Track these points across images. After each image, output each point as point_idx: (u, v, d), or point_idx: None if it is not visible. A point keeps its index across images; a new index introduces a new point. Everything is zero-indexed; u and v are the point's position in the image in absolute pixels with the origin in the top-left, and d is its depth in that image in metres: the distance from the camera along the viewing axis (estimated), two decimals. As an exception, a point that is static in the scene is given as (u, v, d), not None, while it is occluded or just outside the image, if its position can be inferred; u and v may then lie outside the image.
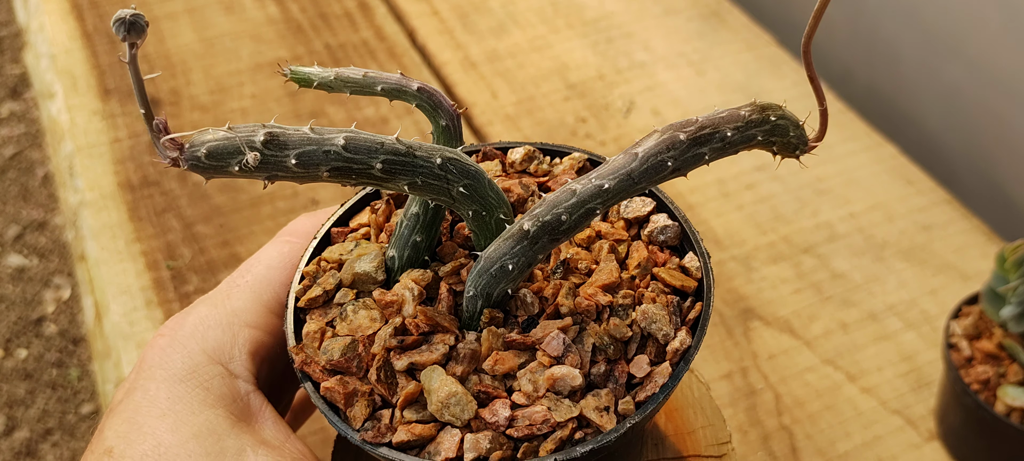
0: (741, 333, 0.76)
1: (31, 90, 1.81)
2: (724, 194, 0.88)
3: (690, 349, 0.39)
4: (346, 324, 0.40)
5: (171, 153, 0.33)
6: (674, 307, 0.40)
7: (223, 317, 0.43)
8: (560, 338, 0.38)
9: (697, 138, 0.37)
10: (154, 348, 0.42)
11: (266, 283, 0.44)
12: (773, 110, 0.38)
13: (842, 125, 0.97)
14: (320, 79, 0.40)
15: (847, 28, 1.14)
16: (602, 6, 1.13)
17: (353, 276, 0.42)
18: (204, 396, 0.40)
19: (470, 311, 0.40)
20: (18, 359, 1.41)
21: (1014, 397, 0.62)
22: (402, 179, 0.36)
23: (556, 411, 0.37)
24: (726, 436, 0.48)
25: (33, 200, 1.64)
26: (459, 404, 0.37)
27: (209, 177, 0.34)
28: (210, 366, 0.41)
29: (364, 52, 1.04)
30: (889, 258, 0.83)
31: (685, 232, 0.43)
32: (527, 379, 0.38)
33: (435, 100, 0.41)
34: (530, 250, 0.38)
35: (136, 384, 0.41)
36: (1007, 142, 0.97)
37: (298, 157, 0.34)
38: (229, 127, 0.34)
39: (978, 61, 0.98)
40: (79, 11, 1.09)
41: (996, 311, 0.63)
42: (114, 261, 0.81)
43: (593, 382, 0.38)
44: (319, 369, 0.39)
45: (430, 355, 0.38)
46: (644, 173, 0.37)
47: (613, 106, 0.98)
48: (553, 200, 0.38)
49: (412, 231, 0.42)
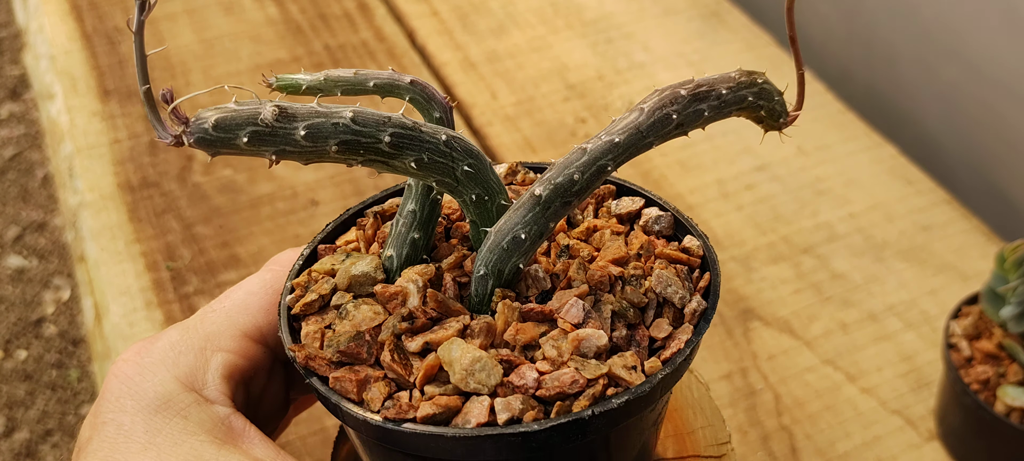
0: (741, 333, 0.76)
1: (30, 91, 1.81)
2: (724, 194, 0.88)
3: (708, 310, 0.39)
4: (347, 321, 0.39)
5: (174, 130, 0.33)
6: (685, 274, 0.40)
7: (195, 342, 0.41)
8: (579, 305, 0.38)
9: (696, 94, 0.39)
10: (118, 377, 0.39)
11: (243, 308, 0.42)
12: (758, 75, 0.40)
13: (841, 125, 0.97)
14: (309, 84, 0.40)
15: (845, 28, 1.14)
16: (601, 7, 1.13)
17: (350, 279, 0.40)
18: (183, 425, 0.38)
19: (479, 294, 0.39)
20: (18, 360, 1.41)
21: (1014, 397, 0.62)
22: (409, 155, 0.36)
23: (584, 370, 0.36)
24: (726, 436, 0.48)
25: (33, 201, 1.64)
26: (485, 370, 0.36)
27: (214, 153, 0.33)
28: (184, 393, 0.39)
29: (364, 53, 1.04)
30: (889, 258, 0.83)
31: (678, 221, 0.44)
32: (550, 345, 0.37)
33: (428, 93, 0.41)
34: (543, 216, 0.37)
35: (106, 418, 0.38)
36: (1007, 142, 0.97)
37: (307, 129, 0.34)
38: (235, 101, 0.33)
39: (977, 61, 0.98)
40: (78, 12, 1.09)
41: (996, 311, 0.63)
42: (114, 262, 0.81)
43: (616, 345, 0.38)
44: (325, 363, 0.37)
45: (445, 332, 0.37)
46: (651, 126, 0.38)
47: (613, 107, 0.98)
48: (564, 162, 0.38)
49: (409, 228, 0.41)
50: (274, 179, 0.88)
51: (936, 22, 1.02)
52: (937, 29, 1.02)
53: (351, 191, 0.88)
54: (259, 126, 0.33)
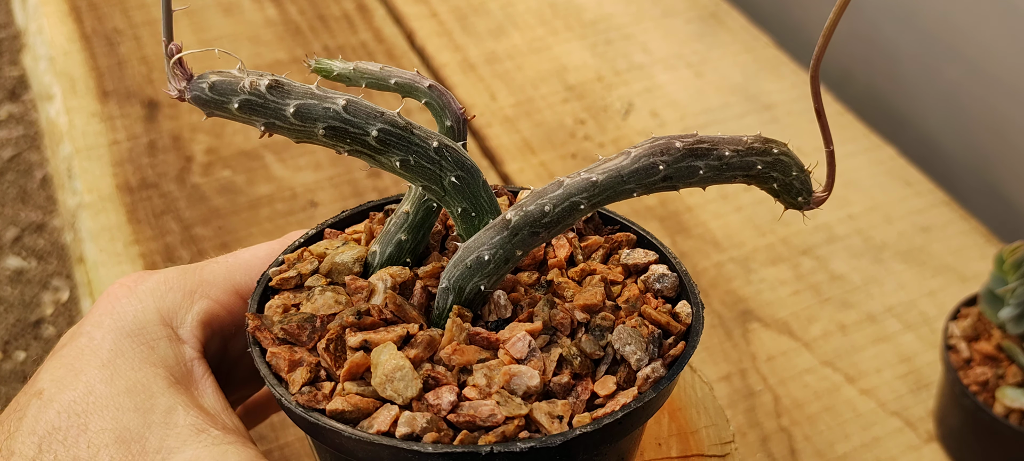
0: (740, 335, 0.76)
1: (29, 92, 1.81)
2: (723, 195, 0.88)
3: (662, 380, 0.37)
4: (310, 304, 0.40)
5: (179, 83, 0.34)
6: (654, 339, 0.38)
7: (187, 283, 0.43)
8: (526, 340, 0.37)
9: (693, 150, 0.36)
10: (109, 296, 0.42)
11: (244, 267, 0.44)
12: (777, 145, 0.37)
13: (841, 127, 0.97)
14: (339, 71, 0.41)
15: (845, 29, 1.14)
16: (600, 8, 1.13)
17: (331, 266, 0.41)
18: (147, 354, 0.39)
19: (440, 307, 0.39)
20: (17, 361, 1.41)
21: (1013, 398, 0.62)
22: (396, 154, 0.36)
23: (504, 407, 0.35)
24: (729, 436, 0.48)
25: (31, 202, 1.64)
26: (404, 380, 0.35)
27: (209, 113, 0.34)
28: (159, 326, 0.41)
29: (363, 54, 1.04)
30: (888, 259, 0.83)
31: (683, 285, 0.42)
32: (482, 374, 0.36)
33: (444, 100, 0.41)
34: (509, 242, 0.37)
35: (82, 330, 0.41)
36: (1006, 143, 0.98)
37: (298, 108, 0.34)
38: (240, 67, 0.35)
39: (977, 62, 0.98)
40: (78, 13, 1.09)
41: (995, 313, 0.64)
42: (113, 263, 0.81)
43: (552, 391, 0.36)
44: (271, 338, 0.38)
45: (386, 335, 0.37)
46: (634, 173, 0.36)
47: (612, 108, 0.98)
48: (539, 192, 0.37)
49: (399, 229, 0.41)
50: (273, 180, 0.88)
51: (936, 23, 1.02)
52: (937, 30, 1.02)
53: (350, 193, 0.88)
54: (252, 95, 0.34)
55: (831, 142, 0.37)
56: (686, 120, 0.97)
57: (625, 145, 0.93)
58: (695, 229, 0.85)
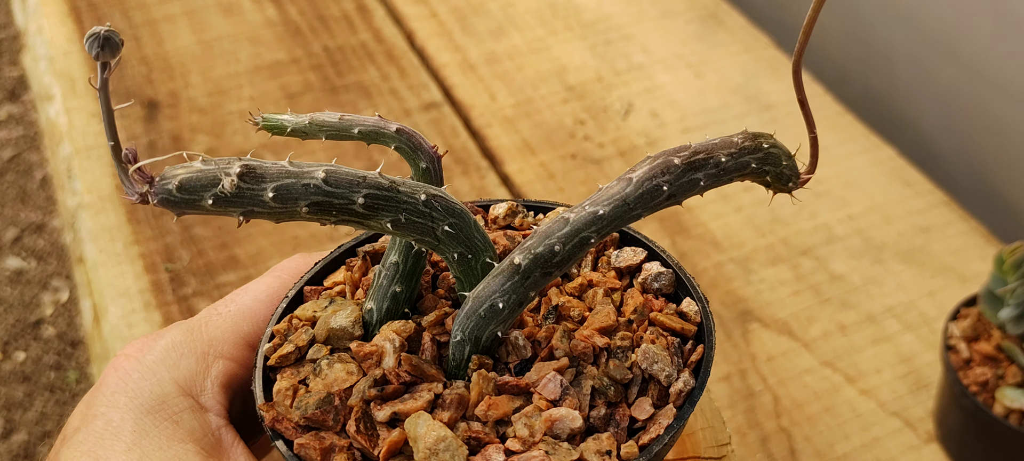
0: (740, 335, 0.76)
1: (29, 92, 1.81)
2: (722, 196, 0.88)
3: (694, 390, 0.37)
4: (321, 380, 0.37)
5: (140, 188, 0.31)
6: (676, 348, 0.38)
7: (197, 345, 0.40)
8: (557, 380, 0.36)
9: (692, 163, 0.36)
10: (118, 371, 0.39)
11: (248, 315, 0.41)
12: (765, 138, 0.38)
13: (840, 127, 0.97)
14: (293, 126, 0.38)
15: (842, 31, 1.14)
16: (600, 8, 1.13)
17: (328, 332, 0.39)
18: (173, 430, 0.37)
19: (457, 358, 0.37)
20: (16, 362, 1.41)
21: (1012, 399, 0.62)
22: (385, 216, 0.34)
23: (554, 455, 0.34)
24: (726, 438, 0.48)
25: (31, 203, 1.64)
26: (449, 450, 0.34)
27: (180, 213, 0.32)
28: (180, 398, 0.38)
29: (363, 54, 1.04)
30: (887, 260, 0.83)
31: (679, 278, 0.42)
32: (522, 424, 0.35)
33: (414, 142, 0.39)
34: (521, 286, 0.36)
35: (97, 412, 0.38)
36: (1005, 143, 0.98)
37: (276, 190, 0.32)
38: (202, 159, 0.32)
39: (974, 63, 0.98)
40: (77, 13, 1.09)
41: (994, 313, 0.63)
42: (112, 263, 0.81)
43: (593, 426, 0.36)
44: (292, 426, 0.36)
45: (414, 403, 0.36)
46: (639, 199, 0.36)
47: (611, 108, 0.98)
48: (545, 231, 0.36)
49: (391, 282, 0.39)
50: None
51: (934, 25, 1.02)
52: (935, 32, 1.02)
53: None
54: (230, 189, 0.32)
55: (814, 129, 0.38)
56: (686, 121, 0.97)
57: (625, 146, 0.93)
58: (695, 230, 0.85)
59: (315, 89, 0.99)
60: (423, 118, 0.96)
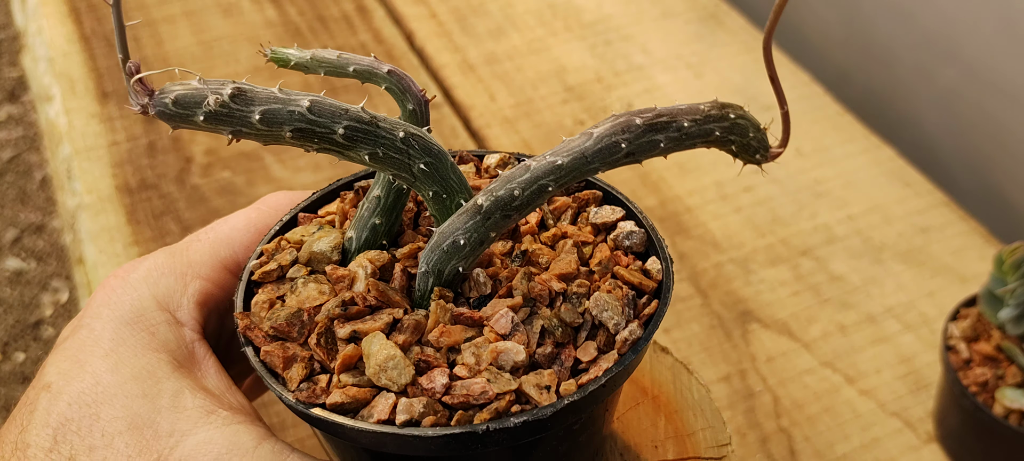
0: (739, 335, 0.76)
1: (29, 93, 1.81)
2: (722, 196, 0.88)
3: (640, 341, 0.38)
4: (295, 297, 0.40)
5: (141, 99, 0.34)
6: (629, 301, 0.40)
7: (177, 266, 0.43)
8: (509, 316, 0.38)
9: (653, 124, 0.38)
10: (104, 288, 0.42)
11: (226, 242, 0.45)
12: (733, 109, 0.39)
13: (840, 127, 0.97)
14: (296, 60, 0.41)
15: (843, 30, 1.14)
16: (600, 9, 1.13)
17: (310, 255, 0.42)
18: (148, 340, 0.40)
19: (421, 290, 0.40)
20: (16, 363, 1.41)
21: (1012, 399, 0.62)
22: (364, 148, 0.37)
23: (495, 383, 0.36)
24: (726, 438, 0.48)
25: (31, 203, 1.64)
26: (396, 368, 0.37)
27: (175, 126, 0.35)
28: (157, 311, 0.41)
29: (362, 55, 1.04)
30: (887, 260, 0.83)
31: (651, 239, 0.43)
32: (470, 352, 0.37)
33: (404, 84, 0.42)
34: (482, 226, 0.38)
35: (82, 323, 0.41)
36: (1004, 144, 0.98)
37: (263, 114, 0.35)
38: (200, 79, 0.34)
39: (975, 63, 0.98)
40: (77, 14, 1.09)
41: (994, 313, 0.64)
42: (112, 264, 0.81)
43: (537, 362, 0.38)
44: (262, 335, 0.39)
45: (373, 324, 0.38)
46: (597, 153, 0.38)
47: (611, 109, 0.98)
48: (507, 176, 0.38)
49: (372, 214, 0.42)
50: (272, 181, 0.88)
51: (935, 25, 1.02)
52: (935, 32, 1.02)
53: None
54: (216, 106, 0.34)
55: (785, 104, 0.39)
56: (685, 121, 0.96)
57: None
58: (695, 230, 0.85)
59: (315, 89, 0.99)
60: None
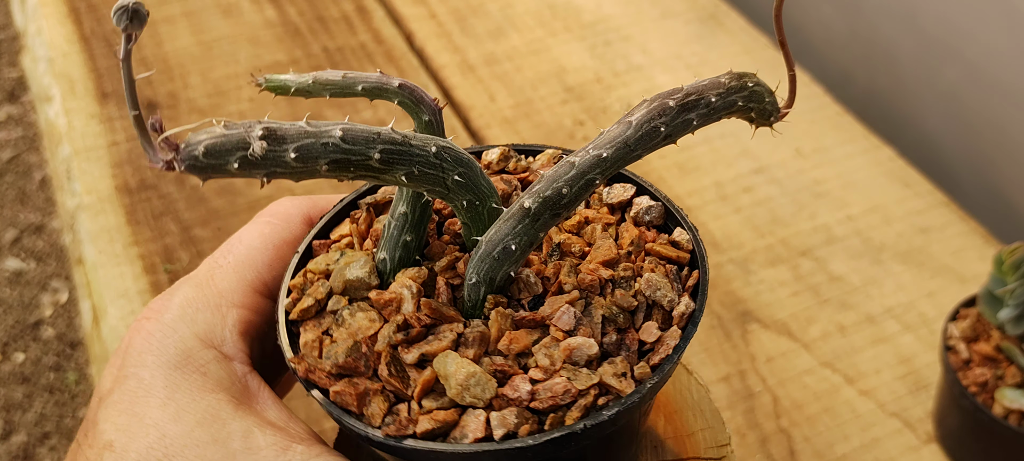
0: (739, 336, 0.76)
1: (28, 93, 1.81)
2: (722, 197, 0.88)
3: (695, 312, 0.39)
4: (344, 329, 0.39)
5: (165, 155, 0.32)
6: (674, 275, 0.41)
7: (209, 298, 0.42)
8: (570, 312, 0.38)
9: (685, 104, 0.39)
10: (140, 333, 0.40)
11: (248, 263, 0.43)
12: (749, 77, 0.41)
13: (840, 128, 0.97)
14: (297, 86, 0.39)
15: (845, 31, 1.14)
16: (599, 9, 1.13)
17: (345, 283, 0.41)
18: (202, 381, 0.39)
19: (472, 299, 0.39)
20: (15, 363, 1.41)
21: (1012, 399, 0.62)
22: (400, 169, 0.36)
23: (576, 380, 0.37)
24: (725, 439, 0.48)
25: (30, 204, 1.64)
26: (480, 384, 0.36)
27: (206, 178, 0.33)
28: (204, 350, 0.40)
29: (362, 55, 1.04)
30: (887, 261, 0.83)
31: (668, 210, 0.44)
32: (543, 354, 0.38)
33: (416, 95, 0.41)
34: (532, 227, 0.38)
35: (128, 372, 0.39)
36: (1005, 145, 0.98)
37: (297, 151, 0.34)
38: (224, 124, 0.33)
39: (976, 64, 0.98)
40: (77, 15, 1.09)
41: (994, 313, 0.64)
42: (112, 264, 0.81)
43: (607, 351, 0.38)
44: (325, 375, 0.38)
45: (440, 343, 0.38)
46: (639, 140, 0.38)
47: (611, 109, 0.98)
48: (552, 175, 0.38)
49: (401, 231, 0.41)
50: (272, 181, 0.88)
51: (936, 24, 1.02)
52: (937, 31, 1.02)
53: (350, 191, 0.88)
54: (261, 153, 0.33)
55: (793, 68, 0.41)
56: (685, 121, 0.97)
57: (624, 146, 0.93)
58: (694, 230, 0.85)
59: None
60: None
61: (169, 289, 0.42)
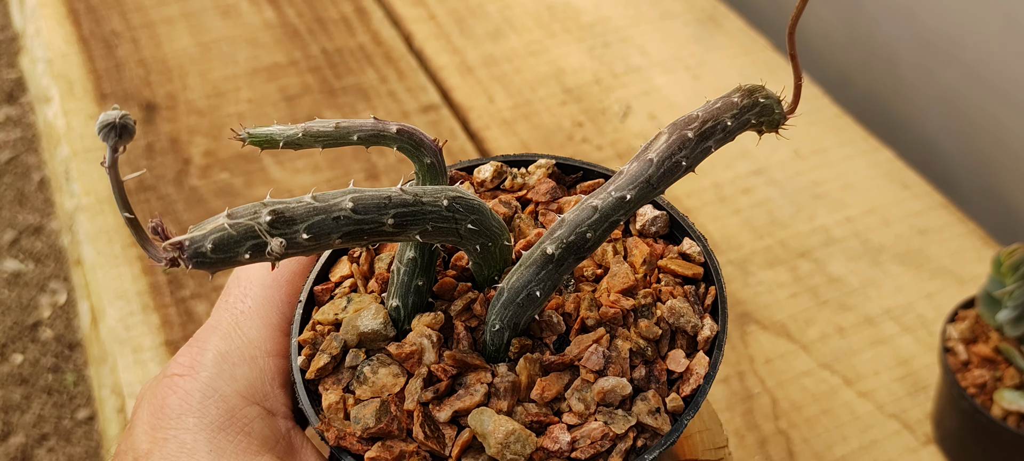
0: (738, 337, 0.76)
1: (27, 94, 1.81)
2: (721, 198, 0.88)
3: (719, 334, 0.39)
4: (367, 387, 0.38)
5: (169, 254, 0.31)
6: (694, 296, 0.40)
7: (244, 350, 0.40)
8: (599, 351, 0.38)
9: (702, 133, 0.38)
10: (176, 392, 0.38)
11: (270, 304, 0.41)
12: (759, 92, 0.40)
13: (839, 129, 0.97)
14: (286, 139, 0.36)
15: (845, 32, 1.15)
16: (598, 10, 1.13)
17: (359, 336, 0.39)
18: (247, 443, 0.37)
19: (496, 344, 0.39)
20: (14, 364, 1.41)
21: (1010, 401, 0.62)
22: (413, 229, 0.35)
23: (613, 424, 0.36)
24: (723, 440, 0.48)
25: (29, 205, 1.64)
26: (520, 441, 0.36)
27: (214, 271, 0.32)
28: (246, 407, 0.38)
29: (361, 56, 1.04)
30: (885, 262, 0.83)
31: (673, 219, 0.43)
32: (576, 398, 0.37)
33: (416, 139, 0.39)
34: (556, 273, 0.37)
35: (168, 434, 0.37)
36: (1003, 146, 0.98)
37: (309, 230, 0.33)
38: (228, 213, 0.32)
39: (975, 66, 0.98)
40: (75, 16, 1.09)
41: (992, 315, 0.64)
42: (110, 266, 0.81)
43: (637, 386, 0.38)
44: (355, 440, 0.37)
45: (471, 399, 0.37)
46: (661, 177, 0.38)
47: (610, 110, 0.98)
48: (574, 221, 0.37)
49: (412, 276, 0.40)
50: (271, 182, 0.88)
51: (935, 27, 1.02)
52: (936, 34, 1.02)
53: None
54: (259, 239, 0.32)
55: (800, 77, 0.41)
56: (684, 123, 0.97)
57: (623, 148, 0.93)
58: (693, 232, 0.85)
59: (313, 91, 0.99)
60: (421, 120, 0.96)
61: (193, 341, 0.41)
